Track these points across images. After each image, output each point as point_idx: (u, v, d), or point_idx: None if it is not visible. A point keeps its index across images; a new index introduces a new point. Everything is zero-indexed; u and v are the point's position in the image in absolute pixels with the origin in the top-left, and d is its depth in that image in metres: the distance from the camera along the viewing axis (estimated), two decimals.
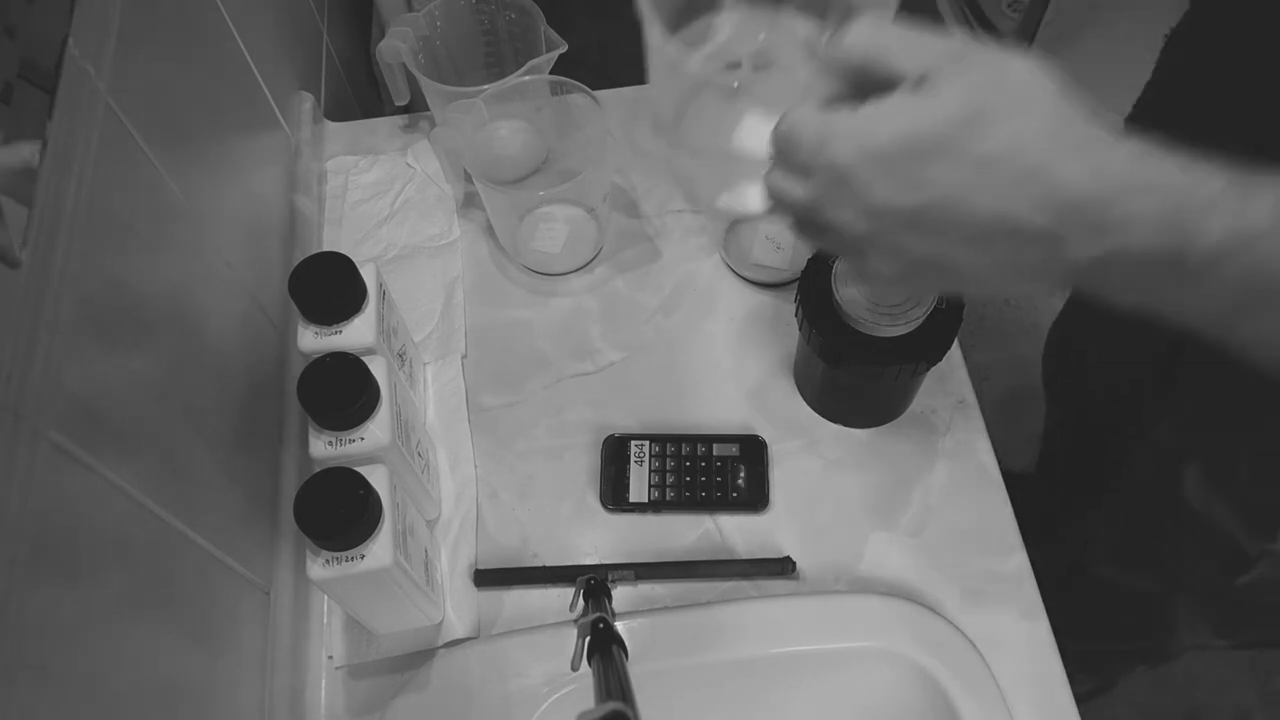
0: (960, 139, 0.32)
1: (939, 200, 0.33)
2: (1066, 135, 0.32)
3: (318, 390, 0.56)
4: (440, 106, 0.79)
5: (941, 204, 0.33)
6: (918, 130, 0.33)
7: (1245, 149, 0.31)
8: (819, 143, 0.35)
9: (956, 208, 0.33)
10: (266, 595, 0.61)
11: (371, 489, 0.52)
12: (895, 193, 0.33)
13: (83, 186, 0.44)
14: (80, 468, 0.41)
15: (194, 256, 0.58)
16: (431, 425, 0.72)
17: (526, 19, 0.80)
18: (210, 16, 0.66)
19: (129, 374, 0.48)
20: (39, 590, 0.37)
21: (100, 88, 0.47)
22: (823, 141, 0.34)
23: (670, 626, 0.62)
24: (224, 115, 0.68)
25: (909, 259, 0.35)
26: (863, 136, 0.34)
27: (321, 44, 0.94)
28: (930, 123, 0.32)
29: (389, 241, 0.81)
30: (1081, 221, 0.31)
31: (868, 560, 0.65)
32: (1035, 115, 0.32)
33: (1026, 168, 0.32)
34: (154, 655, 0.47)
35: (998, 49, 0.33)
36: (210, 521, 0.53)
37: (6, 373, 0.37)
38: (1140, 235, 0.31)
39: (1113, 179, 0.31)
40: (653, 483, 0.68)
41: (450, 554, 0.66)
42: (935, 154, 0.32)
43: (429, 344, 0.76)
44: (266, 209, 0.74)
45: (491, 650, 0.62)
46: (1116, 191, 0.31)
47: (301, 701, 0.61)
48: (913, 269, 0.36)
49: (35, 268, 0.40)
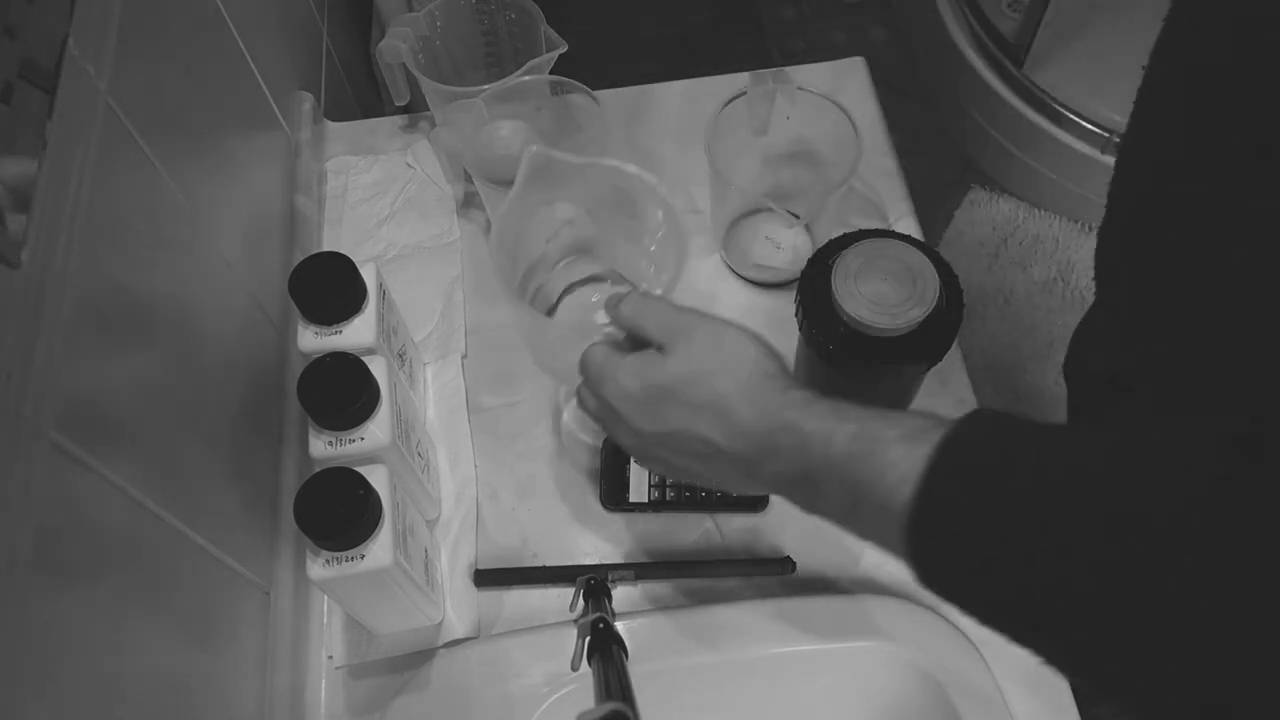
0: (683, 390, 0.46)
1: (673, 430, 0.47)
2: (750, 386, 0.45)
3: (318, 390, 0.56)
4: (440, 106, 0.79)
5: (675, 433, 0.47)
6: (657, 382, 0.47)
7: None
8: (599, 379, 0.50)
9: (686, 435, 0.46)
10: (266, 595, 0.61)
11: (371, 489, 0.52)
12: (645, 423, 0.48)
13: (83, 186, 0.44)
14: (80, 468, 0.41)
15: (194, 256, 0.58)
16: (431, 425, 0.72)
17: (526, 19, 0.80)
18: (210, 17, 0.66)
19: (129, 374, 0.48)
20: (39, 590, 0.37)
21: (100, 88, 0.47)
22: (601, 379, 0.49)
23: (670, 626, 0.62)
24: (224, 115, 0.68)
25: (665, 464, 0.50)
26: (623, 382, 0.48)
27: (321, 44, 0.94)
28: (664, 377, 0.47)
29: (389, 241, 0.81)
30: (756, 448, 0.44)
31: (868, 560, 0.65)
32: (732, 373, 0.46)
33: (722, 410, 0.45)
34: (154, 655, 0.47)
35: (718, 321, 0.48)
36: (210, 521, 0.53)
37: (6, 373, 0.37)
38: (785, 460, 0.43)
39: (772, 419, 0.44)
40: (653, 482, 0.68)
41: (450, 554, 0.66)
42: (668, 399, 0.46)
43: (429, 344, 0.76)
44: (266, 209, 0.74)
45: (491, 650, 0.62)
46: (772, 429, 0.44)
47: (301, 701, 0.61)
48: (670, 470, 0.50)
49: (35, 268, 0.40)
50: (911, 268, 0.60)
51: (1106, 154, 1.51)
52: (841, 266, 0.61)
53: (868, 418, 0.41)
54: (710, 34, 1.92)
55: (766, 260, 0.76)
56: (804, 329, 0.63)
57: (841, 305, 0.59)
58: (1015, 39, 1.56)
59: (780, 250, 0.77)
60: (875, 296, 0.59)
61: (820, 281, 0.61)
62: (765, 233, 0.78)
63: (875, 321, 0.59)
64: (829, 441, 0.41)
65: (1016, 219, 1.65)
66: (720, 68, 0.89)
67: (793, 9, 1.96)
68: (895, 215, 0.80)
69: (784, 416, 0.43)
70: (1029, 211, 1.66)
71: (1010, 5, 1.65)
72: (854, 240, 0.63)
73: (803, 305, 0.62)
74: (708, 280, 0.78)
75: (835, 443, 0.41)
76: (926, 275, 0.60)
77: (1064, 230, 1.63)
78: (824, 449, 0.41)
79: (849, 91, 0.87)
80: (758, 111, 0.74)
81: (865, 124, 0.85)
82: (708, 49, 1.89)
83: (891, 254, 0.61)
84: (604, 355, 0.50)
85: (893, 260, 0.61)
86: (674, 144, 0.85)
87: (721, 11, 1.95)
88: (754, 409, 0.44)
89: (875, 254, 0.61)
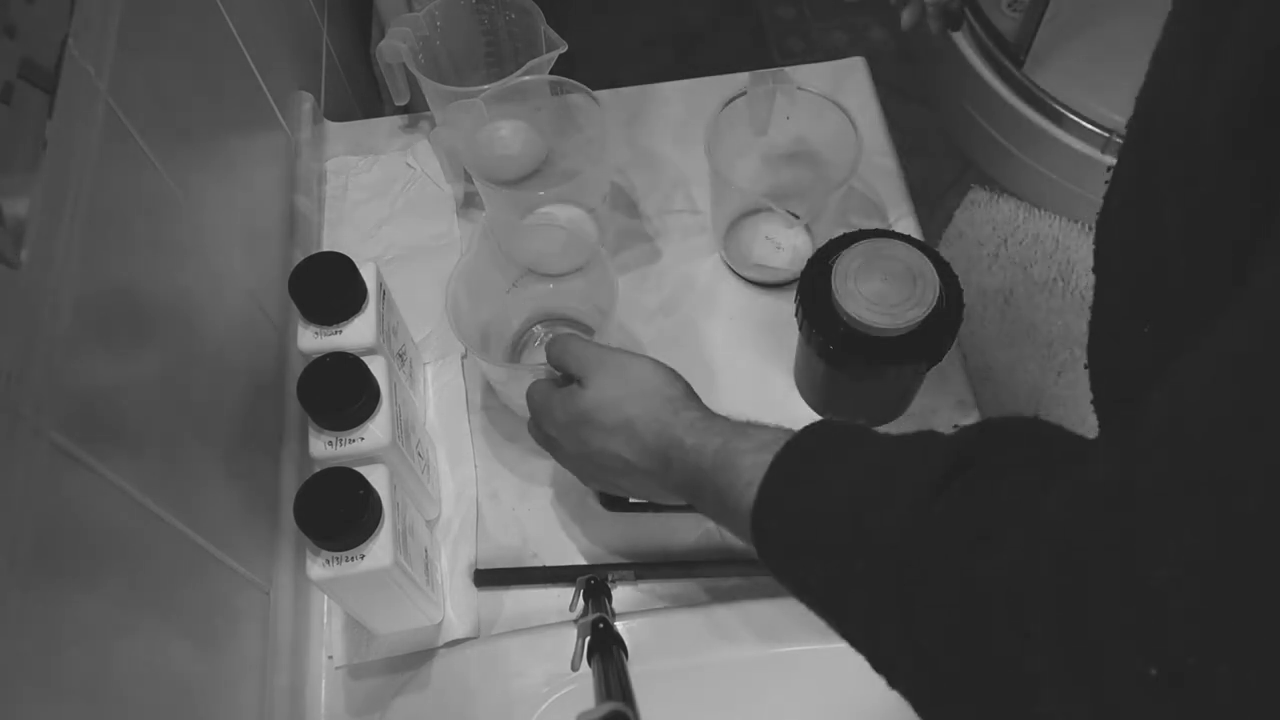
0: (597, 415, 0.53)
1: (594, 450, 0.53)
2: (653, 409, 0.51)
3: (318, 390, 0.56)
4: (440, 106, 0.79)
5: (596, 453, 0.53)
6: (578, 410, 0.54)
7: None
8: (537, 411, 0.58)
9: (604, 454, 0.53)
10: (266, 595, 0.61)
11: (371, 489, 0.52)
12: (573, 446, 0.55)
13: (83, 186, 0.44)
14: (80, 468, 0.41)
15: (194, 256, 0.58)
16: (431, 425, 0.72)
17: (526, 19, 0.80)
18: (210, 16, 0.66)
19: (129, 374, 0.48)
20: (39, 590, 0.37)
21: (100, 88, 0.47)
22: (538, 411, 0.57)
23: (670, 626, 0.62)
24: (224, 115, 0.68)
25: (597, 479, 0.57)
26: (554, 413, 0.55)
27: (321, 44, 0.94)
28: (583, 405, 0.53)
29: (389, 241, 0.81)
30: (658, 463, 0.51)
31: None
32: (638, 398, 0.52)
33: (630, 432, 0.52)
34: (153, 655, 0.47)
35: (627, 354, 0.55)
36: (210, 521, 0.53)
37: (6, 373, 0.37)
38: (677, 473, 0.50)
39: (666, 438, 0.50)
40: None
41: (450, 554, 0.66)
42: (587, 424, 0.53)
43: (429, 344, 0.76)
44: (266, 209, 0.74)
45: (491, 650, 0.62)
46: (666, 446, 0.50)
47: (301, 701, 0.61)
48: (603, 484, 0.58)
49: (35, 268, 0.40)
50: (911, 268, 0.60)
51: (1106, 154, 1.51)
52: (841, 266, 0.61)
53: (731, 432, 0.47)
54: (710, 34, 1.92)
55: (766, 260, 0.76)
56: (804, 329, 0.63)
57: (841, 305, 0.59)
58: (1015, 39, 1.56)
59: (780, 250, 0.77)
60: (875, 296, 0.59)
61: (820, 281, 0.61)
62: (765, 232, 0.78)
63: (875, 321, 0.59)
64: (701, 454, 0.48)
65: (1016, 219, 1.65)
66: (720, 68, 0.89)
67: (793, 9, 1.96)
68: (895, 215, 0.80)
69: (674, 435, 0.50)
70: (1029, 211, 1.66)
71: (1010, 5, 1.65)
72: (854, 240, 0.63)
73: (803, 305, 0.62)
74: (708, 280, 0.78)
75: (705, 455, 0.47)
76: (926, 275, 0.60)
77: (1064, 230, 1.63)
78: (698, 460, 0.48)
79: (849, 91, 0.87)
80: (758, 112, 0.74)
81: (865, 124, 0.85)
82: (708, 49, 1.89)
83: (891, 254, 0.61)
84: (540, 391, 0.58)
85: (893, 260, 0.61)
86: (674, 144, 0.85)
87: (721, 11, 1.95)
88: (653, 429, 0.51)
89: (875, 254, 0.61)
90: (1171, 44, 0.42)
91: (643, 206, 0.82)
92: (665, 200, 0.82)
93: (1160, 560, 0.25)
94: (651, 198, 0.83)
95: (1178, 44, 0.41)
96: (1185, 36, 0.40)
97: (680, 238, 0.80)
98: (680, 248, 0.80)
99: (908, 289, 0.59)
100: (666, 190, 0.83)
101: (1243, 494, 0.24)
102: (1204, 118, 0.35)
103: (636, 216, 0.82)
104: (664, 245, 0.80)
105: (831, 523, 0.39)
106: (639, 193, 0.83)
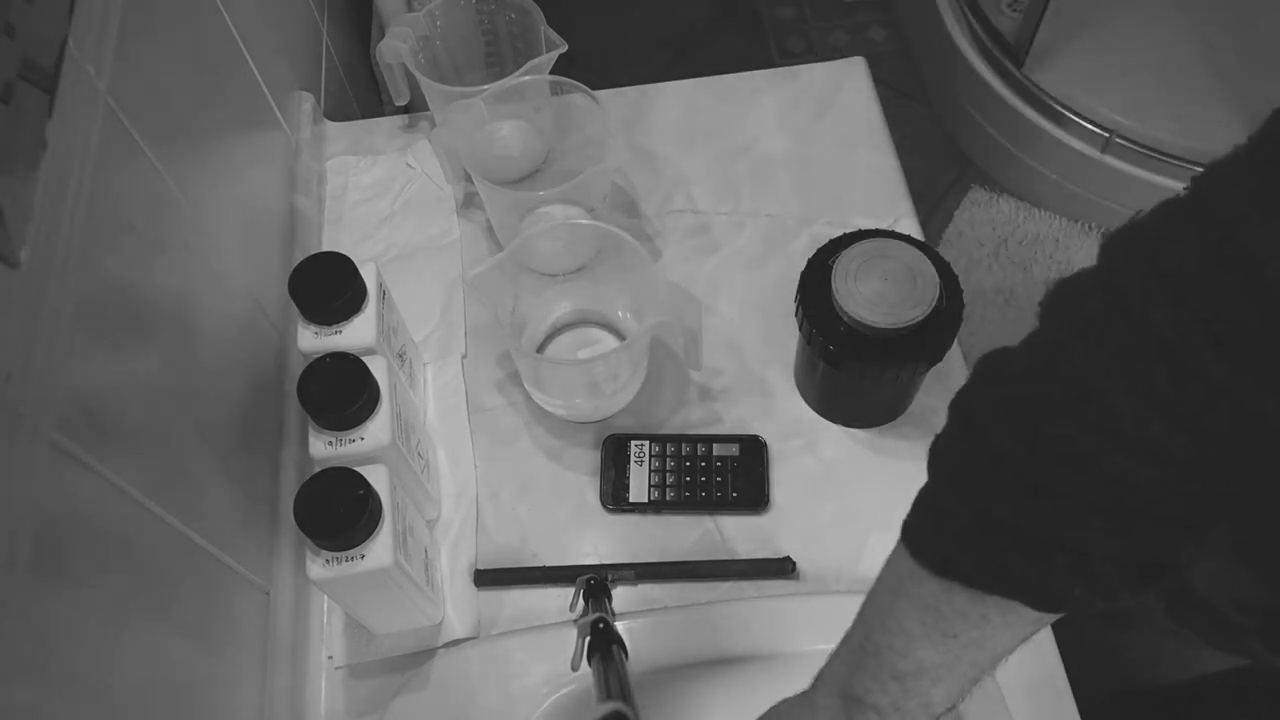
0: None
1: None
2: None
3: (318, 390, 0.56)
4: (440, 106, 0.79)
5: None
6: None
7: None
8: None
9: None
10: (266, 595, 0.61)
11: (371, 489, 0.52)
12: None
13: (83, 186, 0.44)
14: (80, 468, 0.41)
15: (194, 256, 0.58)
16: (431, 425, 0.72)
17: (526, 19, 0.80)
18: (210, 17, 0.66)
19: (129, 374, 0.48)
20: (39, 590, 0.37)
21: (100, 88, 0.47)
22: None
23: (670, 626, 0.62)
24: (224, 115, 0.68)
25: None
26: None
27: (321, 44, 0.94)
28: None
29: (389, 241, 0.81)
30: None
31: (867, 560, 0.65)
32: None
33: None
34: (154, 655, 0.47)
35: None
36: (210, 521, 0.53)
37: (6, 373, 0.37)
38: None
39: None
40: (653, 483, 0.68)
41: (450, 554, 0.66)
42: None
43: (429, 344, 0.76)
44: (266, 209, 0.74)
45: (491, 650, 0.62)
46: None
47: (301, 701, 0.61)
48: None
49: (35, 268, 0.40)
50: (911, 267, 0.60)
51: (1106, 154, 1.51)
52: (841, 266, 0.61)
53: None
54: (710, 34, 1.92)
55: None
56: (804, 329, 0.63)
57: (841, 305, 0.59)
58: (1015, 39, 1.56)
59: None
60: (875, 296, 0.59)
61: (820, 281, 0.61)
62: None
63: (875, 321, 0.59)
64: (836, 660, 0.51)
65: (1016, 219, 1.65)
66: (720, 68, 0.89)
67: (793, 9, 1.96)
68: (895, 215, 0.80)
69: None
70: (1029, 211, 1.66)
71: (1010, 5, 1.65)
72: (854, 240, 0.63)
73: (803, 305, 0.62)
74: (708, 279, 0.78)
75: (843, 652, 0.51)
76: (926, 275, 0.60)
77: (1064, 230, 1.63)
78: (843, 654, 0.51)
79: (849, 91, 0.87)
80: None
81: (865, 124, 0.85)
82: (708, 49, 1.89)
83: (891, 254, 0.61)
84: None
85: (892, 260, 0.61)
86: (674, 144, 0.85)
87: (721, 11, 1.95)
88: None
89: (875, 254, 0.61)
90: None
91: (643, 206, 0.82)
92: (665, 200, 0.82)
93: None
94: (651, 198, 0.83)
95: None
96: None
97: (680, 238, 0.80)
98: (680, 248, 0.80)
99: (907, 288, 0.59)
100: (666, 190, 0.83)
101: None
102: None
103: (636, 216, 0.82)
104: (664, 245, 0.80)
105: None
106: (639, 193, 0.83)
